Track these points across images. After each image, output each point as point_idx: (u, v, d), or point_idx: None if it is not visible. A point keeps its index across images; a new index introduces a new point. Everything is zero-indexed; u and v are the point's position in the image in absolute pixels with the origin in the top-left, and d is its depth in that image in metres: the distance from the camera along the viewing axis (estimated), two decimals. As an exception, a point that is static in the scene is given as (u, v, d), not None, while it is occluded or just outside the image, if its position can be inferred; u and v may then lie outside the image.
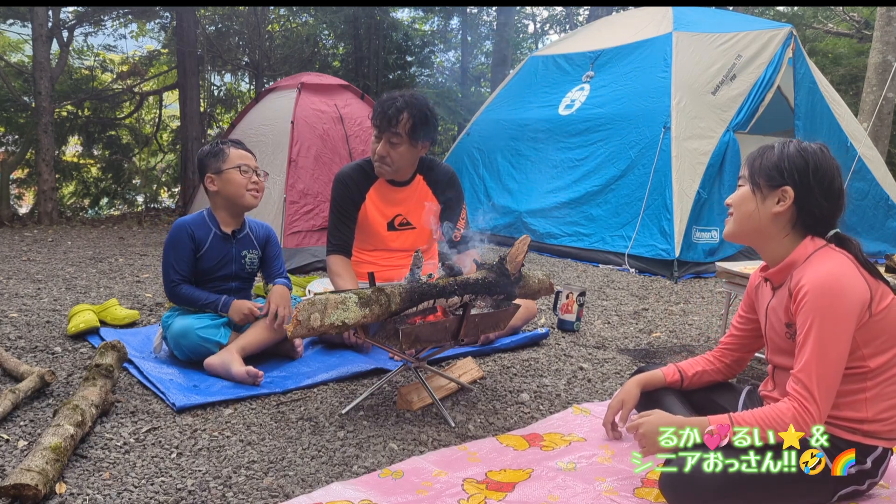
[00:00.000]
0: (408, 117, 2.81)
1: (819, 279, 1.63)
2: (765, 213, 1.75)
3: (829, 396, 1.63)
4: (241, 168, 2.74)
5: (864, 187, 6.21)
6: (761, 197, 1.75)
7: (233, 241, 2.79)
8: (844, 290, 1.62)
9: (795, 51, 5.85)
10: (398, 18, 11.02)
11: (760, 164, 1.76)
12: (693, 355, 2.30)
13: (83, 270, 4.62)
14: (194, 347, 2.58)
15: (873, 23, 8.29)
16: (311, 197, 5.24)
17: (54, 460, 1.71)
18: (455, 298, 2.20)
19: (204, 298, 2.68)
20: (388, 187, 3.03)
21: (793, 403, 1.63)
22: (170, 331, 2.63)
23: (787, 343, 1.78)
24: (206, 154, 2.79)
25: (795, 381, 1.64)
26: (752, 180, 1.77)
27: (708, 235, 5.26)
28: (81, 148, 9.47)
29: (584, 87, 6.32)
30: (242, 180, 2.73)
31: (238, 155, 2.77)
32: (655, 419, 1.77)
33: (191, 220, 2.76)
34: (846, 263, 1.67)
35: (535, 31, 14.90)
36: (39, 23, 7.17)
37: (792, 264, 1.74)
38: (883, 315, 1.66)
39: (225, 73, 10.76)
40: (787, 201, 1.72)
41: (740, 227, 1.80)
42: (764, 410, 1.66)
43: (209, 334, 2.59)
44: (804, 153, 1.73)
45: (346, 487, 1.77)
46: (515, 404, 2.41)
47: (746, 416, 1.66)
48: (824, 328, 1.61)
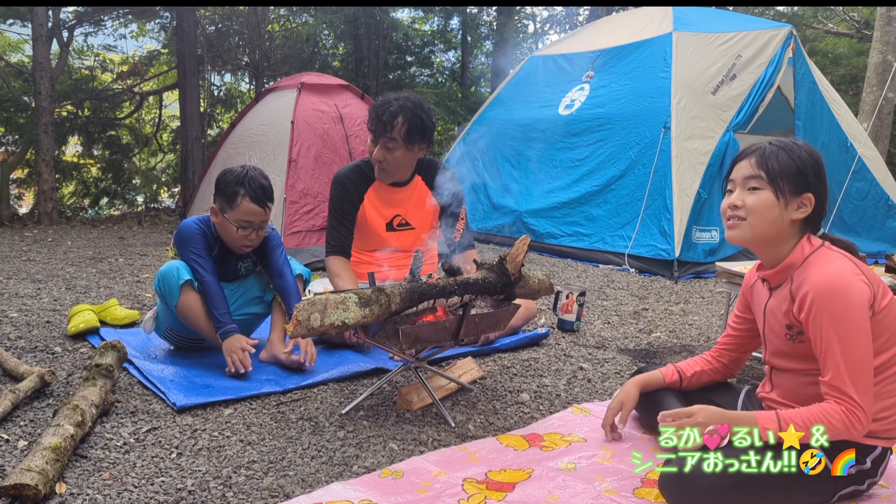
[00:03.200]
0: (402, 122, 2.81)
1: (823, 282, 1.62)
2: (786, 219, 1.71)
3: (869, 394, 1.62)
4: (241, 225, 2.61)
5: (864, 187, 6.21)
6: (784, 203, 1.70)
7: (233, 254, 2.77)
8: (850, 289, 1.61)
9: (795, 51, 5.85)
10: (398, 18, 11.01)
11: (779, 168, 1.69)
12: (693, 355, 2.30)
13: (83, 270, 4.63)
14: (170, 289, 2.58)
15: (873, 23, 8.29)
16: (311, 197, 5.24)
17: (54, 460, 1.71)
18: (455, 298, 2.20)
19: (219, 308, 2.60)
20: (387, 188, 3.03)
21: (840, 405, 1.61)
22: (157, 274, 2.63)
23: (787, 344, 1.77)
24: (224, 184, 2.62)
25: (829, 389, 1.63)
26: (775, 186, 1.69)
27: (708, 235, 5.26)
28: (81, 148, 9.47)
29: (584, 87, 6.32)
30: (238, 237, 2.63)
31: (246, 211, 2.58)
32: (707, 412, 1.72)
33: (201, 220, 2.75)
34: (846, 263, 1.67)
35: (535, 31, 14.89)
36: (39, 23, 7.18)
37: (791, 265, 1.73)
38: (884, 314, 1.66)
39: (225, 73, 10.77)
40: (808, 208, 1.70)
41: (759, 234, 1.73)
42: (812, 410, 1.63)
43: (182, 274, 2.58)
44: (814, 156, 1.72)
45: (346, 487, 1.77)
46: (515, 404, 2.41)
47: (794, 414, 1.64)
48: (842, 331, 1.60)
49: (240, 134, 6.09)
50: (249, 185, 2.58)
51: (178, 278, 2.57)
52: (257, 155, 5.61)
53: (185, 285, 2.57)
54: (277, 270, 2.79)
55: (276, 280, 2.80)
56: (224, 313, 2.60)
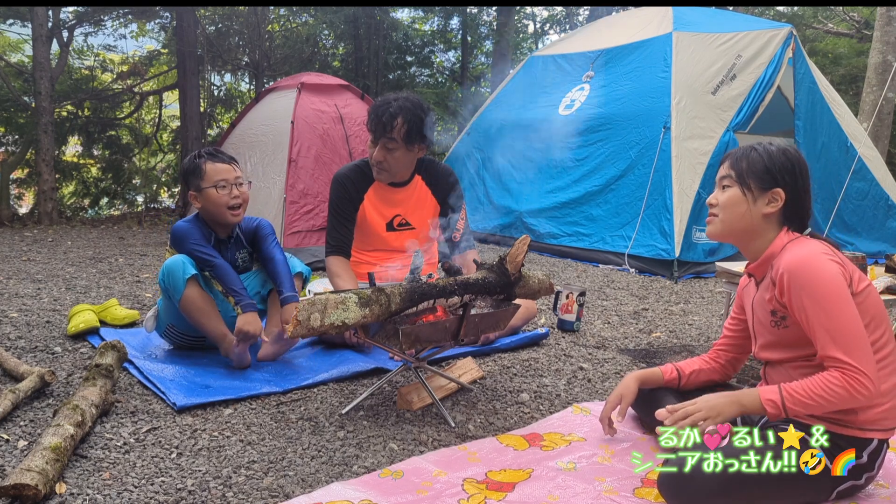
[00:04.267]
0: (402, 122, 2.81)
1: (794, 261, 1.71)
2: (756, 213, 1.81)
3: (868, 356, 1.64)
4: (218, 185, 2.65)
5: (864, 187, 6.21)
6: (752, 198, 1.81)
7: (227, 245, 2.79)
8: (819, 265, 1.68)
9: (795, 51, 5.85)
10: (398, 18, 11.01)
11: (747, 166, 1.81)
12: (693, 355, 2.31)
13: (83, 270, 4.63)
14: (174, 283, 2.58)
15: (873, 23, 8.29)
16: (311, 197, 5.24)
17: (54, 460, 1.71)
18: (455, 298, 2.20)
19: (235, 284, 2.63)
20: (387, 188, 3.03)
21: (841, 373, 1.63)
22: (161, 268, 2.63)
23: (773, 333, 1.82)
24: (185, 171, 2.73)
25: (827, 360, 1.66)
26: (741, 182, 1.82)
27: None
28: (81, 148, 9.47)
29: (584, 87, 6.32)
30: (221, 198, 2.65)
31: (214, 170, 2.66)
32: (707, 399, 1.75)
33: (189, 219, 2.76)
34: (818, 245, 1.75)
35: (535, 31, 14.89)
36: (39, 23, 7.18)
37: (771, 256, 1.81)
38: (864, 296, 1.71)
39: (225, 73, 10.76)
40: (778, 202, 1.80)
41: (729, 227, 1.85)
42: (814, 380, 1.66)
43: (187, 269, 2.58)
44: (787, 155, 1.82)
45: (346, 487, 1.77)
46: (515, 404, 2.41)
47: (796, 386, 1.68)
48: (820, 301, 1.65)
49: (240, 134, 6.09)
50: (206, 153, 2.72)
51: (185, 272, 2.57)
52: (257, 155, 5.60)
53: (190, 280, 2.57)
54: (268, 255, 2.80)
55: (268, 264, 2.80)
56: (242, 288, 2.64)
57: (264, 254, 2.81)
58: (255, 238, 2.84)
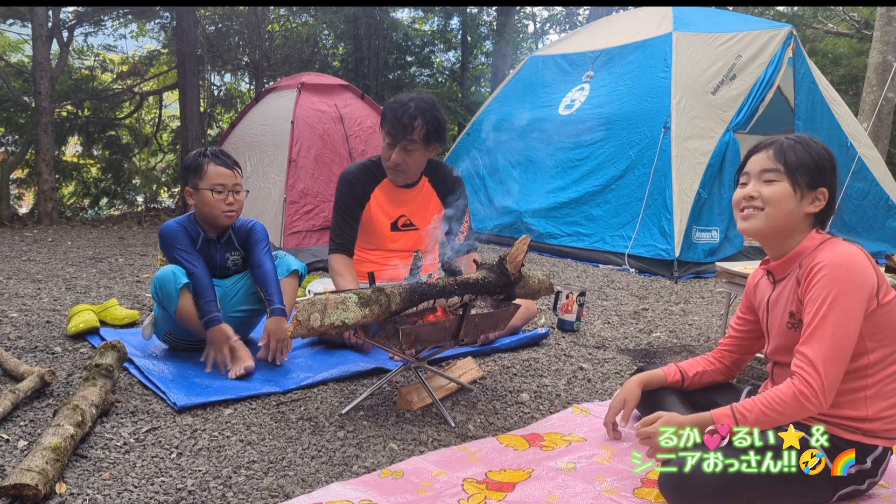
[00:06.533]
0: (422, 124, 2.80)
1: (839, 258, 1.66)
2: (799, 211, 1.74)
3: (835, 374, 1.62)
4: (215, 189, 2.66)
5: (864, 187, 6.21)
6: (800, 196, 1.73)
7: (217, 245, 2.79)
8: (861, 267, 1.65)
9: (795, 51, 5.85)
10: (398, 18, 11.01)
11: (796, 161, 1.72)
12: (693, 355, 2.30)
13: (83, 270, 4.62)
14: (167, 293, 2.57)
15: (873, 23, 8.29)
16: (311, 197, 5.24)
17: (54, 460, 1.71)
18: (455, 298, 2.20)
19: (201, 299, 2.60)
20: (395, 188, 3.03)
21: (793, 380, 1.63)
22: (153, 281, 2.62)
23: (788, 335, 1.78)
24: (186, 165, 2.73)
25: (800, 357, 1.65)
26: (792, 178, 1.72)
27: (708, 235, 5.26)
28: (81, 148, 9.46)
29: (584, 87, 6.32)
30: (217, 202, 2.66)
31: (215, 174, 2.66)
32: (663, 420, 1.78)
33: (179, 220, 2.76)
34: (859, 249, 1.71)
35: (535, 31, 14.90)
36: (39, 23, 7.17)
37: (798, 255, 1.76)
38: (888, 308, 1.67)
39: (225, 73, 10.76)
40: (821, 202, 1.75)
41: (773, 224, 1.75)
42: (765, 394, 1.66)
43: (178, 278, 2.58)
44: (830, 153, 1.77)
45: (346, 487, 1.77)
46: (515, 404, 2.41)
47: (747, 404, 1.67)
48: (839, 304, 1.62)
49: (240, 134, 6.09)
50: (211, 153, 2.71)
51: (176, 283, 2.56)
52: (257, 155, 5.61)
53: (183, 289, 2.57)
54: (257, 261, 2.79)
55: (256, 271, 2.78)
56: (209, 301, 2.59)
57: (254, 259, 2.80)
58: (247, 242, 2.84)
